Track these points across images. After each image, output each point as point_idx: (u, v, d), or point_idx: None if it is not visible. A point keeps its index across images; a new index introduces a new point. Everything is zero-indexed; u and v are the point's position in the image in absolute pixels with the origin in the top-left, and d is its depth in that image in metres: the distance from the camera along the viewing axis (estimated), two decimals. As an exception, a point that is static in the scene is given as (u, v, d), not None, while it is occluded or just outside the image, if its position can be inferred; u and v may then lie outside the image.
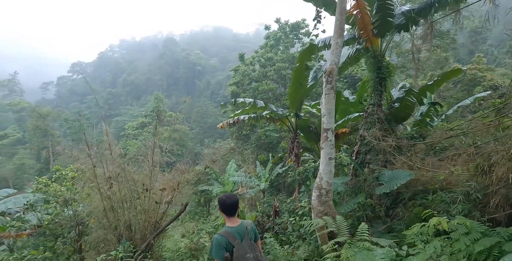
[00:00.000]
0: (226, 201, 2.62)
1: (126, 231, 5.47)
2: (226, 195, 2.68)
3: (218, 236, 2.47)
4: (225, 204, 2.61)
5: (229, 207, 2.61)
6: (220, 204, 2.65)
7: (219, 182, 16.61)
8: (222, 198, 2.66)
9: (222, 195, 2.71)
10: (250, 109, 7.95)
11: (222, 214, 2.67)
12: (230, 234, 2.49)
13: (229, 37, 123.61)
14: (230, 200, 2.63)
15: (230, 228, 2.57)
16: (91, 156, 6.17)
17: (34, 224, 7.86)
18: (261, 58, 21.71)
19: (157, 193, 5.85)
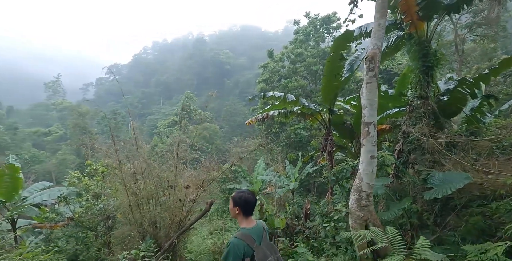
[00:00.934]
0: (249, 199, 2.28)
1: (151, 228, 5.30)
2: (246, 191, 2.32)
3: (235, 240, 2.09)
4: (248, 202, 2.26)
5: (252, 206, 2.29)
6: (243, 202, 2.26)
7: (247, 181, 16.43)
8: (243, 196, 2.28)
9: (239, 192, 2.32)
10: (280, 104, 7.50)
11: (239, 214, 2.27)
12: (249, 237, 2.14)
13: (257, 35, 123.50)
14: (252, 197, 2.30)
15: (247, 229, 2.21)
16: (117, 151, 6.11)
17: (67, 216, 8.10)
18: (291, 54, 21.11)
19: (182, 190, 5.63)
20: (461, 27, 18.09)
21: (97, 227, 7.49)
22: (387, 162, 4.77)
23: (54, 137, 45.89)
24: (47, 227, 7.68)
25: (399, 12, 5.64)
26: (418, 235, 4.66)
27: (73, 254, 6.86)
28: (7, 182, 6.72)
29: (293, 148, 20.14)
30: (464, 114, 6.84)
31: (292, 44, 22.01)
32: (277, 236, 5.91)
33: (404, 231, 4.72)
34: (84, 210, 7.63)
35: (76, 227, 7.69)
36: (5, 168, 6.73)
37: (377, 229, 3.37)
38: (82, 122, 39.35)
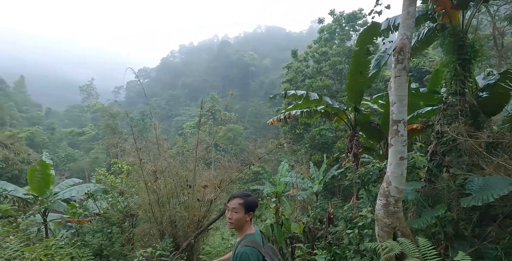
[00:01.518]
0: (256, 200, 2.13)
1: (170, 227, 5.28)
2: (246, 193, 2.17)
3: (250, 250, 1.89)
4: (257, 204, 2.12)
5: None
6: (256, 207, 2.11)
7: (270, 182, 16.28)
8: (255, 200, 2.12)
9: (247, 195, 2.12)
10: (302, 103, 7.23)
11: (248, 221, 2.07)
12: (257, 243, 1.98)
13: (282, 36, 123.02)
14: (255, 197, 2.16)
15: (253, 235, 2.05)
16: (140, 150, 6.18)
17: (94, 212, 8.39)
18: (315, 53, 20.65)
19: (200, 190, 5.57)
20: (500, 19, 16.69)
21: (122, 224, 7.69)
22: (418, 164, 4.36)
23: (87, 137, 48.47)
24: (75, 221, 7.98)
25: (430, 1, 5.19)
26: (453, 247, 4.22)
27: (98, 249, 7.05)
28: (39, 177, 7.04)
29: (317, 149, 19.67)
30: (507, 112, 6.19)
31: (317, 43, 21.53)
32: (298, 241, 5.67)
33: (437, 242, 4.30)
34: (110, 206, 7.87)
35: (102, 222, 7.95)
36: (37, 165, 7.05)
37: (407, 240, 3.01)
38: (113, 123, 41.17)
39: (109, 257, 6.73)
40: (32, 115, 60.51)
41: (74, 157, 40.67)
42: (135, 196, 7.63)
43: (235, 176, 5.51)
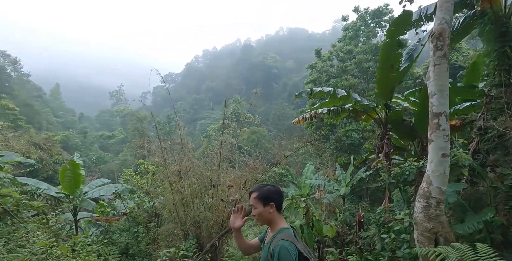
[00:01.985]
0: (278, 189, 1.93)
1: (194, 228, 5.19)
2: (271, 184, 1.96)
3: (290, 245, 1.67)
4: (281, 194, 1.91)
5: (282, 197, 1.93)
6: (275, 194, 1.89)
7: (295, 185, 15.97)
8: (272, 188, 1.91)
9: (261, 186, 1.96)
10: (329, 101, 6.91)
11: (273, 213, 1.85)
12: (294, 239, 1.76)
13: (304, 38, 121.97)
14: (279, 189, 1.96)
15: (289, 229, 1.83)
16: (165, 150, 6.20)
17: (121, 211, 8.58)
18: (339, 52, 20.09)
19: (225, 190, 5.45)
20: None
21: (148, 223, 7.78)
22: (462, 162, 3.94)
23: (116, 140, 50.55)
24: (103, 220, 8.18)
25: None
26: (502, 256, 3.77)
27: (125, 247, 7.18)
28: (69, 176, 7.27)
29: (343, 151, 19.10)
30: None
31: (341, 42, 20.94)
32: (326, 245, 5.38)
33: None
34: (136, 206, 8.00)
35: (129, 222, 8.09)
36: (68, 164, 7.30)
37: (464, 246, 2.64)
38: (140, 126, 42.60)
39: (134, 256, 6.81)
40: (67, 120, 64.25)
41: (105, 159, 42.51)
42: (161, 196, 7.70)
43: (260, 176, 5.33)
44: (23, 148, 9.98)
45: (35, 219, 4.99)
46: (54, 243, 3.71)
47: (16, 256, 3.05)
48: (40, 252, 3.42)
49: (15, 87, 48.45)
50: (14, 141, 13.31)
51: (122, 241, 7.42)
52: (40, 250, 3.40)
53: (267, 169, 5.34)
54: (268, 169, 5.38)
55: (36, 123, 41.09)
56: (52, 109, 61.07)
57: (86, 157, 39.55)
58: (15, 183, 4.93)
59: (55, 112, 62.60)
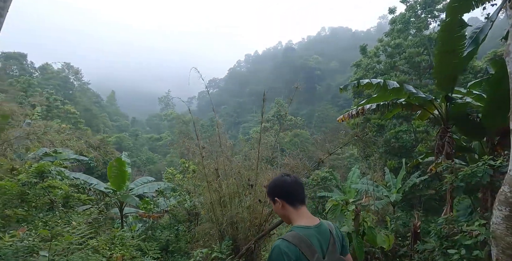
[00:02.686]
0: (288, 180, 1.52)
1: (230, 229, 4.96)
2: (281, 174, 1.62)
3: (282, 243, 1.34)
4: (289, 184, 1.52)
5: (297, 188, 1.52)
6: (277, 186, 1.56)
7: (339, 189, 15.18)
8: (279, 179, 1.57)
9: (276, 177, 1.63)
10: (378, 96, 6.23)
11: (285, 207, 1.51)
12: (305, 241, 1.34)
13: (347, 37, 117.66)
14: (292, 178, 1.55)
15: (304, 229, 1.41)
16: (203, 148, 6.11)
17: (163, 209, 8.79)
18: (387, 46, 18.73)
19: (263, 190, 5.14)
20: None
21: (188, 222, 7.85)
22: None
23: (163, 142, 53.45)
24: (146, 216, 8.43)
25: None
26: None
27: (165, 244, 7.30)
28: (115, 173, 7.59)
29: (393, 154, 17.74)
30: None
31: (388, 36, 19.50)
32: (375, 258, 4.75)
33: None
34: (177, 204, 8.13)
35: (170, 219, 8.25)
36: (114, 161, 7.62)
37: None
38: (185, 129, 44.53)
39: (174, 253, 6.87)
40: (121, 124, 70.07)
41: (153, 160, 45.11)
42: (200, 195, 7.70)
43: (302, 175, 4.91)
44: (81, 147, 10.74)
45: (80, 211, 5.20)
46: (92, 235, 3.75)
47: (55, 244, 3.07)
48: (78, 242, 3.45)
49: (77, 94, 54.34)
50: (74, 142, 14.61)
51: (163, 237, 7.57)
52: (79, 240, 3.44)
53: (308, 168, 4.90)
54: (310, 168, 4.93)
55: (94, 126, 45.25)
56: (108, 113, 67.17)
57: (137, 158, 42.41)
58: (62, 175, 5.23)
59: (111, 116, 68.77)
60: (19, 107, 10.04)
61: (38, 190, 4.37)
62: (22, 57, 46.13)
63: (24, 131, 8.87)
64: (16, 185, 4.17)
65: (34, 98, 17.30)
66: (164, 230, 7.93)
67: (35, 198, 4.31)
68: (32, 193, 4.25)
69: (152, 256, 6.28)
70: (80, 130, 20.42)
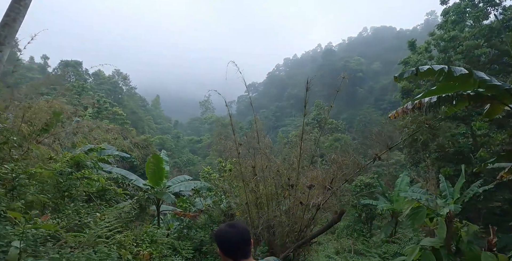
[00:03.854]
0: (230, 232, 1.54)
1: (266, 233, 4.47)
2: (227, 223, 1.66)
3: None
4: (230, 238, 1.53)
5: (237, 244, 1.52)
6: (219, 239, 1.60)
7: (385, 197, 13.98)
8: (220, 230, 1.63)
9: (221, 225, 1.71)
10: (440, 88, 5.32)
11: (226, 259, 1.53)
12: None
13: (392, 36, 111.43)
14: (236, 230, 1.55)
15: None
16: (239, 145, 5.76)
17: (198, 208, 8.63)
18: (439, 41, 16.97)
19: (304, 191, 4.57)
20: None
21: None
22: None
23: (203, 144, 54.98)
24: (182, 215, 8.31)
25: None
26: None
27: (199, 244, 7.10)
28: (152, 169, 7.57)
29: (448, 161, 16.03)
30: None
31: (441, 29, 17.66)
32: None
33: None
34: (213, 203, 7.90)
35: (205, 219, 8.03)
36: (151, 157, 7.60)
37: None
38: (224, 132, 45.32)
39: (207, 254, 6.62)
40: (164, 126, 73.82)
41: (194, 162, 46.44)
42: (236, 196, 7.40)
43: (353, 174, 4.25)
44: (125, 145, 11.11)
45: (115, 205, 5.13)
46: (121, 229, 3.57)
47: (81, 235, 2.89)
48: (106, 235, 3.27)
49: (125, 98, 58.53)
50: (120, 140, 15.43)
51: (197, 237, 7.38)
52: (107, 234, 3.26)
53: (362, 166, 4.23)
54: (363, 166, 4.26)
55: (140, 128, 48.01)
56: (153, 116, 71.21)
57: (178, 159, 44.00)
58: (97, 167, 5.21)
59: (155, 119, 72.88)
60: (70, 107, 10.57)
61: (74, 180, 4.33)
62: (78, 64, 51.21)
63: (73, 127, 9.28)
64: (52, 173, 4.17)
65: (84, 100, 18.83)
66: (199, 230, 7.75)
67: (67, 187, 4.26)
68: (66, 183, 4.21)
69: (184, 256, 6.10)
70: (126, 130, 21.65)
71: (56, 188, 4.18)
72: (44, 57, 53.27)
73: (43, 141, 7.63)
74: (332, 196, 4.22)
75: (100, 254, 2.71)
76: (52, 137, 7.51)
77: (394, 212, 12.81)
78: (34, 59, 56.75)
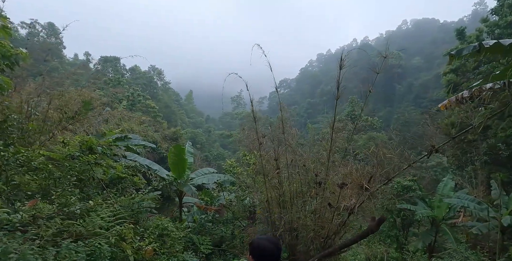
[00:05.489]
0: (268, 248, 1.70)
1: (288, 236, 3.88)
2: (269, 238, 1.81)
3: None
4: (265, 254, 1.69)
5: (270, 258, 1.69)
6: (258, 251, 1.71)
7: (425, 202, 12.79)
8: (261, 243, 1.74)
9: (260, 238, 1.85)
10: (504, 72, 4.33)
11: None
12: None
13: (434, 29, 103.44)
14: (273, 246, 1.72)
15: None
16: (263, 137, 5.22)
17: (220, 203, 8.31)
18: (494, 27, 15.02)
19: (335, 191, 3.89)
20: None
21: (245, 219, 7.20)
22: None
23: (233, 138, 55.18)
24: (203, 208, 8.03)
25: None
26: None
27: (219, 240, 6.79)
28: (173, 159, 7.33)
29: (501, 165, 14.38)
30: None
31: (495, 14, 15.60)
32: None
33: None
34: (235, 198, 7.53)
35: (227, 214, 7.69)
36: (172, 147, 7.33)
37: None
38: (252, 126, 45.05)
39: (226, 251, 6.26)
40: (196, 121, 75.69)
41: (224, 156, 46.79)
42: (261, 192, 6.93)
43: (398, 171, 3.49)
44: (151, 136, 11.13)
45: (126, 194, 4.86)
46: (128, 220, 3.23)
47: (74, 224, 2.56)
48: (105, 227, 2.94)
49: (159, 92, 60.56)
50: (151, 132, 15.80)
51: (218, 233, 7.06)
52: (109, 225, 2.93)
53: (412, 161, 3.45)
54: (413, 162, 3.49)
55: (173, 122, 49.37)
56: (185, 111, 73.23)
57: (208, 153, 44.64)
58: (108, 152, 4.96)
59: (187, 113, 74.98)
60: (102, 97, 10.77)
61: (84, 165, 4.08)
62: (116, 60, 54.62)
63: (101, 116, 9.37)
64: (62, 157, 3.95)
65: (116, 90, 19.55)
66: (220, 225, 7.41)
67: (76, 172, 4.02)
68: (72, 167, 3.96)
69: (202, 251, 5.81)
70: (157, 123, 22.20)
71: (65, 172, 3.95)
72: (87, 54, 57.05)
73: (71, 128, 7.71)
74: (369, 198, 3.49)
75: (86, 248, 2.35)
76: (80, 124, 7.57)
77: (435, 220, 11.63)
78: (78, 56, 61.06)
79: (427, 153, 3.61)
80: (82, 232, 2.91)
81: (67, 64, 46.34)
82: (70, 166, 3.90)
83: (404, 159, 4.07)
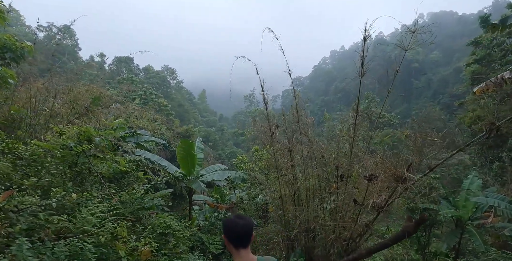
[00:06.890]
0: (238, 223, 1.73)
1: (304, 237, 3.39)
2: (237, 216, 1.83)
3: None
4: (235, 228, 1.72)
5: (240, 234, 1.72)
6: (226, 227, 1.77)
7: (448, 202, 11.96)
8: (229, 219, 1.82)
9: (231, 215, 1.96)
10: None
11: (228, 244, 1.75)
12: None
13: (453, 22, 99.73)
14: (243, 222, 1.74)
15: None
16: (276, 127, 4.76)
17: (231, 200, 7.96)
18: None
19: (360, 184, 3.36)
20: None
21: (257, 218, 6.79)
22: None
23: (246, 137, 55.01)
24: (213, 206, 7.69)
25: None
26: None
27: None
28: (181, 154, 6.99)
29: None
30: None
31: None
32: None
33: None
34: (247, 196, 7.13)
35: (238, 212, 7.32)
36: (180, 142, 7.00)
37: None
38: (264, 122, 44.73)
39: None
40: (209, 119, 76.04)
41: (237, 154, 46.71)
42: (274, 190, 6.49)
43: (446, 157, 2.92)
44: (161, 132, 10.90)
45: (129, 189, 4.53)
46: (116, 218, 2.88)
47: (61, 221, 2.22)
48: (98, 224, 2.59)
49: (172, 92, 61.18)
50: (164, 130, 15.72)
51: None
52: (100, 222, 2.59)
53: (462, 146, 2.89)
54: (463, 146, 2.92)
55: (186, 120, 49.60)
56: (198, 110, 73.68)
57: (222, 151, 44.53)
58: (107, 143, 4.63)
59: (201, 112, 75.43)
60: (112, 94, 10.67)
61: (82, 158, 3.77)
62: (130, 60, 55.64)
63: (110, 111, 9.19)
64: (55, 148, 3.65)
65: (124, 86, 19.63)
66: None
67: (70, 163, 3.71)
68: (66, 158, 3.65)
69: (211, 251, 5.45)
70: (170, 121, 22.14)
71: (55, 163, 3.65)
72: (101, 55, 58.49)
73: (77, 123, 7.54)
74: (404, 193, 2.93)
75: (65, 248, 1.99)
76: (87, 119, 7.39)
77: (460, 220, 10.82)
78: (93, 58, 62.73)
79: (486, 132, 3.03)
80: (71, 229, 2.56)
81: (83, 66, 47.55)
82: (62, 156, 3.59)
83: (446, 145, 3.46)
